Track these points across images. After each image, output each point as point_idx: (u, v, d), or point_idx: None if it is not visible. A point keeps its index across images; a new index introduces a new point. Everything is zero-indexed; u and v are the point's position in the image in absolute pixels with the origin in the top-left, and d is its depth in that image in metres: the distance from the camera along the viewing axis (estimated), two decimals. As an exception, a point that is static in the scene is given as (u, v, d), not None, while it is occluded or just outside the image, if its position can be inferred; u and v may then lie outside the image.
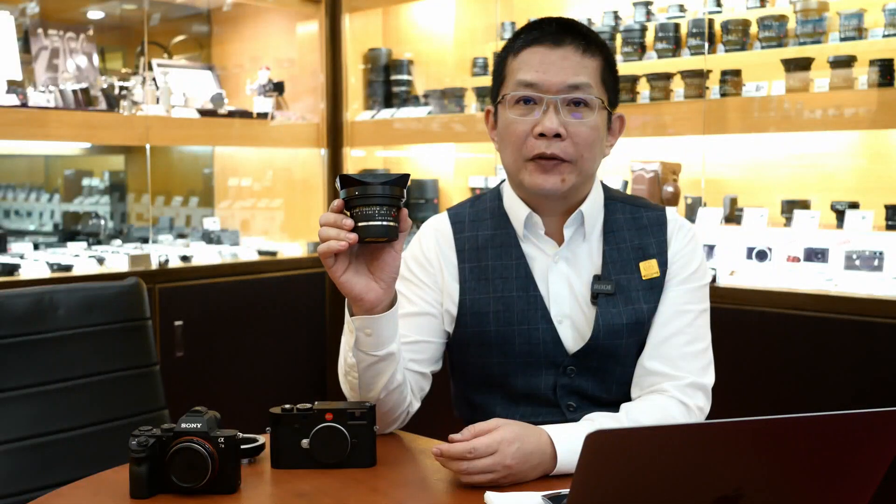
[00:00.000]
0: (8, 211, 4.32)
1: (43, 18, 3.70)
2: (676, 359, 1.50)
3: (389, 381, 1.44)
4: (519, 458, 1.27)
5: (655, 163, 3.20)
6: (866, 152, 3.09)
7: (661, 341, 1.51)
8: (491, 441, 1.26)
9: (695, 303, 1.54)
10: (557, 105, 1.48)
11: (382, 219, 1.30)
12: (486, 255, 1.58)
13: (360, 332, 1.38)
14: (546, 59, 1.49)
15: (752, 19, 3.10)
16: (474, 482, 1.26)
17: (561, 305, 1.54)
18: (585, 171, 1.51)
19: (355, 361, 1.41)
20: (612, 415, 1.45)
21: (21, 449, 1.63)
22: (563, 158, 1.48)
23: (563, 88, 1.48)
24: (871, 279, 2.66)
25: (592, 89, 1.49)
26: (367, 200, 1.29)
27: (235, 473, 1.27)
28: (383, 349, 1.40)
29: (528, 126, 1.49)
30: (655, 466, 0.88)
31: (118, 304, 1.81)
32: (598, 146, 1.52)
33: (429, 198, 3.97)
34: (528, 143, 1.49)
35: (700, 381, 1.50)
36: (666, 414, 1.45)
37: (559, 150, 1.48)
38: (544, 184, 1.49)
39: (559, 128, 1.47)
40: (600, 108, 1.50)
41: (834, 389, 2.57)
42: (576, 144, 1.48)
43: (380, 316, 1.37)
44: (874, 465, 0.94)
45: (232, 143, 4.04)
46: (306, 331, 3.81)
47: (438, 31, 4.13)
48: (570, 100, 1.48)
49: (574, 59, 1.49)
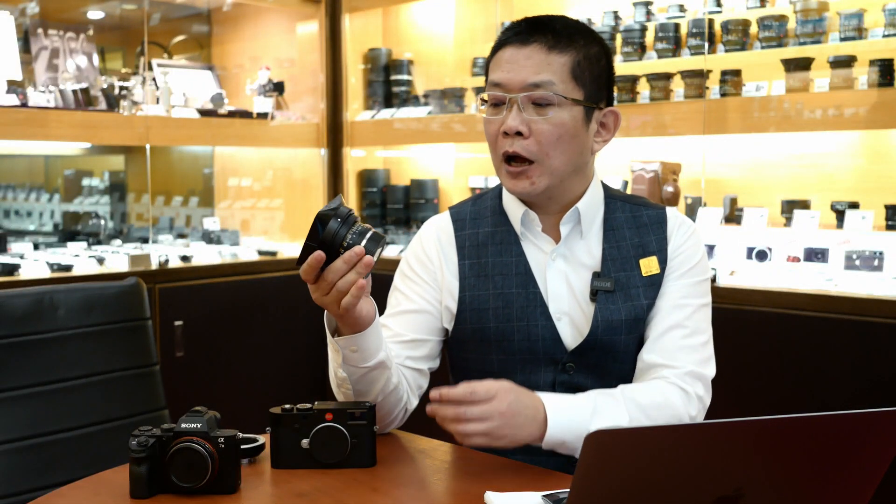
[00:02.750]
0: (8, 211, 4.32)
1: (43, 18, 3.70)
2: (675, 351, 1.50)
3: (385, 385, 1.45)
4: (514, 408, 1.33)
5: (655, 163, 3.20)
6: (866, 152, 3.09)
7: (660, 334, 1.51)
8: (490, 386, 1.33)
9: (694, 297, 1.54)
10: (519, 103, 1.48)
11: (365, 229, 1.32)
12: (486, 251, 1.58)
13: (346, 351, 1.40)
14: (512, 59, 1.50)
15: (752, 19, 3.10)
16: (468, 431, 1.30)
17: (559, 302, 1.54)
18: (557, 170, 1.51)
19: (346, 375, 1.42)
20: (609, 391, 1.45)
21: (21, 449, 1.63)
22: (525, 157, 1.49)
23: (524, 86, 1.48)
24: (871, 279, 2.66)
25: (556, 86, 1.48)
26: (350, 224, 1.31)
27: (235, 473, 1.27)
28: (372, 360, 1.41)
29: (497, 125, 1.51)
30: (655, 466, 0.88)
31: (118, 304, 1.81)
32: (569, 143, 1.50)
33: (429, 198, 3.97)
34: (499, 142, 1.51)
35: (699, 370, 1.50)
36: (664, 397, 1.45)
37: (521, 149, 1.48)
38: (514, 188, 1.52)
39: (520, 126, 1.48)
40: (570, 105, 1.49)
41: (834, 389, 2.57)
42: (539, 143, 1.48)
43: (364, 333, 1.39)
44: (874, 465, 0.94)
45: (232, 143, 4.04)
46: (306, 331, 3.81)
47: (438, 31, 4.13)
48: (533, 99, 1.48)
49: (538, 58, 1.48)
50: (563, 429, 1.37)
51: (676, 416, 1.44)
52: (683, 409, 1.45)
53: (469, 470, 1.38)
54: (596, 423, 1.38)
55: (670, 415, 1.44)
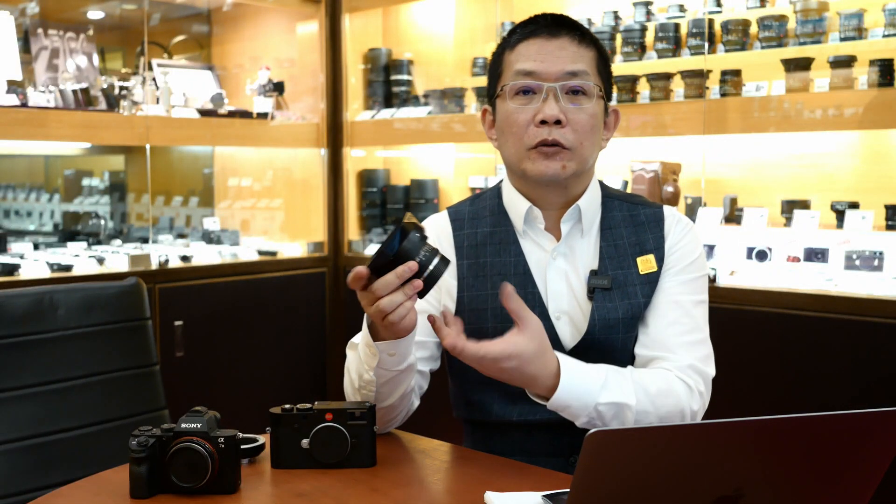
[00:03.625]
0: (8, 211, 4.32)
1: (43, 18, 3.70)
2: (675, 346, 1.50)
3: (406, 388, 1.47)
4: (531, 354, 1.33)
5: (655, 163, 3.20)
6: (866, 152, 3.09)
7: (658, 331, 1.52)
8: (505, 347, 1.33)
9: (691, 293, 1.54)
10: (557, 92, 1.50)
11: (435, 250, 1.31)
12: (484, 251, 1.58)
13: (384, 354, 1.40)
14: (543, 49, 1.51)
15: (752, 19, 3.10)
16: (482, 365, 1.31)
17: (559, 301, 1.54)
18: (584, 160, 1.53)
19: (373, 378, 1.42)
20: (620, 370, 1.44)
21: (21, 449, 1.63)
22: (563, 145, 1.50)
23: (562, 75, 1.50)
24: (871, 279, 2.66)
25: (590, 77, 1.51)
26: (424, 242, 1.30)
27: (235, 473, 1.27)
28: (405, 363, 1.42)
29: (528, 115, 1.51)
30: (655, 466, 0.88)
31: (118, 304, 1.81)
32: (597, 135, 1.54)
33: (429, 198, 3.97)
34: (530, 131, 1.51)
35: (701, 367, 1.50)
36: (669, 385, 1.44)
37: (560, 137, 1.49)
38: (546, 170, 1.51)
39: (560, 114, 1.49)
40: (598, 97, 1.52)
41: (834, 389, 2.57)
42: (575, 132, 1.50)
43: (408, 337, 1.39)
44: (874, 465, 0.94)
45: (232, 143, 4.05)
46: (306, 331, 3.81)
47: (438, 31, 4.12)
48: (570, 87, 1.50)
49: (571, 49, 1.51)
50: (571, 394, 1.37)
51: (679, 406, 1.44)
52: (686, 401, 1.45)
53: (469, 470, 1.38)
54: (604, 397, 1.38)
55: (674, 403, 1.43)
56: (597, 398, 1.38)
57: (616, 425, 1.39)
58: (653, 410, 1.42)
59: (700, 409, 1.49)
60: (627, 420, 1.40)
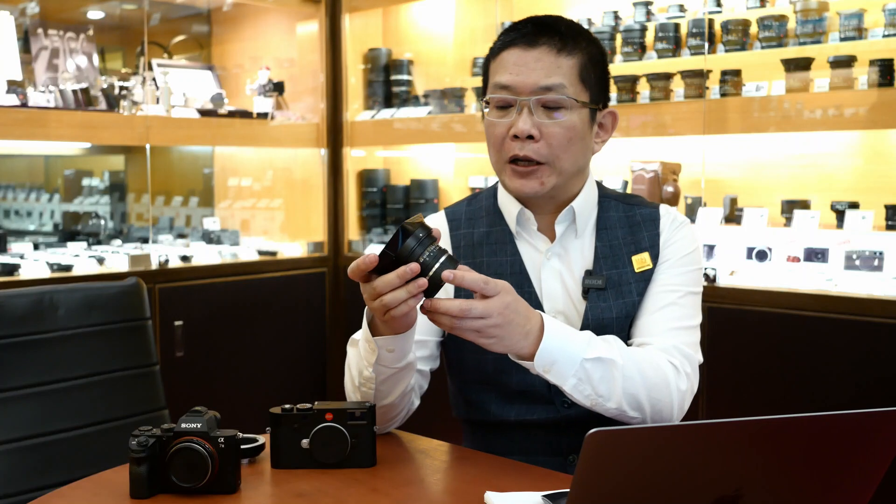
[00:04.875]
0: (8, 211, 4.32)
1: (43, 18, 3.70)
2: (665, 331, 1.49)
3: (406, 386, 1.46)
4: (512, 308, 1.30)
5: (655, 163, 3.20)
6: (866, 152, 3.09)
7: (646, 318, 1.51)
8: (488, 304, 1.29)
9: (684, 284, 1.54)
10: (530, 106, 1.48)
11: (442, 251, 1.29)
12: (481, 251, 1.59)
13: (383, 350, 1.39)
14: (520, 61, 1.49)
15: (752, 19, 3.10)
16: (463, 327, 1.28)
17: (554, 301, 1.54)
18: (565, 171, 1.51)
19: (373, 375, 1.42)
20: (607, 339, 1.43)
21: (21, 449, 1.63)
22: (536, 160, 1.48)
23: (535, 90, 1.48)
24: (871, 279, 2.66)
25: (567, 89, 1.48)
26: (429, 243, 1.28)
27: (235, 473, 1.27)
28: (404, 360, 1.42)
29: (504, 128, 1.50)
30: (655, 466, 0.88)
31: (118, 304, 1.81)
32: (577, 145, 1.51)
33: (428, 198, 3.97)
34: (506, 144, 1.51)
35: (685, 349, 1.48)
36: (655, 360, 1.43)
37: (532, 152, 1.48)
38: (523, 188, 1.50)
39: (532, 129, 1.47)
40: (579, 107, 1.50)
41: (834, 389, 2.57)
42: (550, 146, 1.48)
43: (407, 333, 1.38)
44: (874, 465, 0.94)
45: (232, 143, 4.04)
46: (306, 331, 3.81)
47: (438, 31, 4.13)
48: (544, 102, 1.48)
49: (548, 60, 1.48)
50: (556, 349, 1.34)
51: (665, 380, 1.42)
52: (673, 378, 1.43)
53: (469, 470, 1.38)
54: (591, 352, 1.36)
55: (661, 376, 1.42)
56: (583, 353, 1.36)
57: (604, 390, 1.37)
58: (640, 379, 1.39)
59: (688, 391, 1.46)
60: (616, 381, 1.37)
